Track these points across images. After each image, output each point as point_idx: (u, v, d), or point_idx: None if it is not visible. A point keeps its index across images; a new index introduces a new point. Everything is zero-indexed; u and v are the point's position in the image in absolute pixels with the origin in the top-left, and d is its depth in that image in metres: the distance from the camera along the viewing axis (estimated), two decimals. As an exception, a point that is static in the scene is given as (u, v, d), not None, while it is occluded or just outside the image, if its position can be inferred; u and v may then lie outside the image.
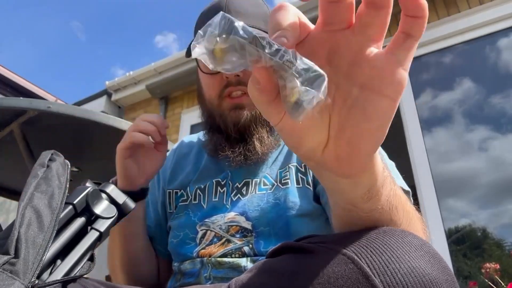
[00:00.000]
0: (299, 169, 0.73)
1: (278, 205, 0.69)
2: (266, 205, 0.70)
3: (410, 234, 0.35)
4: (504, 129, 2.43)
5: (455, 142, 2.60)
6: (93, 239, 0.44)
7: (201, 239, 0.73)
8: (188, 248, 0.73)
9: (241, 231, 0.69)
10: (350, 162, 0.31)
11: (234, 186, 0.76)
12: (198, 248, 0.72)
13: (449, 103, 2.69)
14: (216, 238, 0.71)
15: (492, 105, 2.52)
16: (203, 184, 0.79)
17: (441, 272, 0.33)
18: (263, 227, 0.68)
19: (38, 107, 1.22)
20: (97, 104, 4.44)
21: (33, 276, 0.36)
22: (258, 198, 0.72)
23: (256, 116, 0.73)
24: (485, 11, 2.59)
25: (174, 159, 0.89)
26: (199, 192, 0.78)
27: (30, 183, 0.40)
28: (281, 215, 0.68)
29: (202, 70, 0.76)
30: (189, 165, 0.85)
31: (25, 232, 0.37)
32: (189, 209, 0.78)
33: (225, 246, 0.69)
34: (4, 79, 4.66)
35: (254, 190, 0.73)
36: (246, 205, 0.71)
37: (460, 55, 2.74)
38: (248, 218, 0.70)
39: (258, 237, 0.68)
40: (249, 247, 0.68)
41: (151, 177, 0.73)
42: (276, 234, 0.67)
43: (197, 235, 0.73)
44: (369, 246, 0.33)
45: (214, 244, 0.71)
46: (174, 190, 0.83)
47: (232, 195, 0.74)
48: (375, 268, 0.31)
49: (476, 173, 2.53)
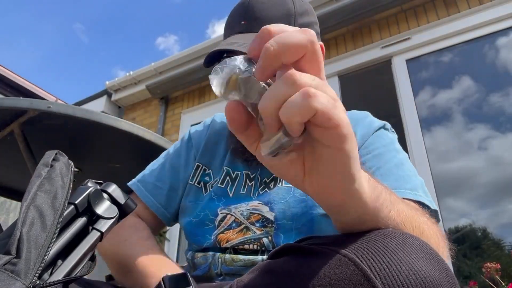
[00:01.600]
0: None
1: (305, 201, 0.67)
2: (292, 199, 0.69)
3: (411, 236, 0.35)
4: (503, 128, 2.44)
5: (455, 142, 2.60)
6: (94, 239, 0.44)
7: (220, 222, 0.71)
8: (207, 230, 0.72)
9: (262, 220, 0.68)
10: (326, 196, 0.35)
11: (262, 181, 0.75)
12: (217, 231, 0.70)
13: (449, 103, 2.69)
14: (235, 224, 0.70)
15: (492, 104, 2.52)
16: (234, 172, 0.77)
17: (442, 273, 0.33)
18: (285, 221, 0.67)
19: (38, 107, 1.22)
20: (97, 104, 4.45)
21: (34, 276, 0.36)
22: (285, 191, 0.70)
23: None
24: (485, 11, 2.60)
25: (208, 132, 0.86)
26: (228, 179, 0.77)
27: (34, 183, 0.40)
28: (306, 211, 0.66)
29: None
30: (221, 146, 0.83)
31: (27, 232, 0.37)
32: (212, 192, 0.76)
33: (244, 234, 0.68)
34: (5, 79, 4.66)
35: (281, 183, 0.72)
36: (272, 195, 0.70)
37: (460, 55, 2.75)
38: (272, 209, 0.68)
39: (278, 230, 0.67)
40: (268, 239, 0.66)
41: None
42: (298, 230, 0.66)
43: (217, 218, 0.72)
44: (370, 248, 0.33)
45: (232, 229, 0.69)
46: (203, 166, 0.82)
47: (260, 188, 0.74)
48: (376, 270, 0.31)
49: (476, 173, 2.54)
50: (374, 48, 2.98)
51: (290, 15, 0.74)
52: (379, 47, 2.93)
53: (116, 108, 4.55)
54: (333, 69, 3.10)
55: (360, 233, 0.37)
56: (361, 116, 0.79)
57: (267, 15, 0.72)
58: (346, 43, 3.17)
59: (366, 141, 0.72)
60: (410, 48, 2.81)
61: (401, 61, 2.82)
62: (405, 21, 2.93)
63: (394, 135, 0.78)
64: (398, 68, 2.81)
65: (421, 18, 2.87)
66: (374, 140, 0.72)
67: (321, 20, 3.43)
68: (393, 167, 0.67)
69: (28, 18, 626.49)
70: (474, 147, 2.55)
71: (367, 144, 0.72)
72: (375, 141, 0.72)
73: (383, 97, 3.44)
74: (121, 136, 1.34)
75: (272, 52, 0.28)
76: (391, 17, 3.02)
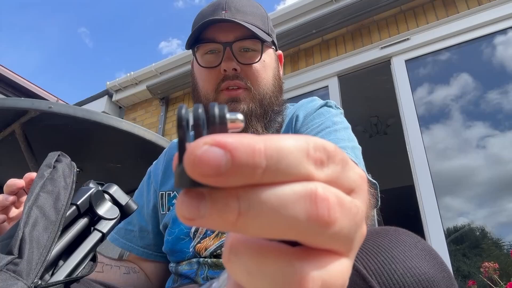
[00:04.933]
0: None
1: None
2: None
3: (404, 233, 0.36)
4: (502, 127, 2.44)
5: (454, 141, 2.60)
6: (95, 240, 0.45)
7: (194, 233, 0.73)
8: (184, 244, 0.73)
9: None
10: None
11: None
12: (193, 243, 0.72)
13: (447, 103, 2.69)
14: (209, 231, 0.71)
15: (490, 103, 2.53)
16: None
17: (438, 269, 0.33)
18: None
19: (39, 107, 1.23)
20: (98, 105, 4.45)
21: (36, 276, 0.36)
22: None
23: (252, 110, 0.73)
24: (484, 12, 2.60)
25: (165, 161, 0.88)
26: None
27: (36, 184, 0.41)
28: None
29: (200, 64, 0.76)
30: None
31: (29, 232, 0.37)
32: None
33: (220, 238, 0.69)
34: (6, 79, 4.66)
35: None
36: None
37: (458, 56, 2.75)
38: None
39: None
40: None
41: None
42: None
43: (191, 229, 0.73)
44: (364, 248, 0.33)
45: (208, 237, 0.71)
46: (167, 192, 0.83)
47: None
48: (371, 270, 0.31)
49: (474, 172, 2.54)
50: (373, 48, 2.98)
51: (264, 16, 0.78)
52: (379, 48, 2.94)
53: (117, 108, 4.55)
54: (333, 69, 3.10)
55: None
56: (306, 101, 0.83)
57: (246, 9, 0.75)
58: (345, 44, 3.17)
59: (307, 119, 0.75)
60: (409, 48, 2.81)
61: (400, 61, 2.83)
62: (404, 22, 2.94)
63: (338, 110, 0.79)
64: (397, 68, 2.81)
65: (420, 19, 2.87)
66: (314, 117, 0.75)
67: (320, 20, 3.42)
68: (325, 134, 0.69)
69: (34, 18, 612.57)
70: (473, 146, 2.56)
71: (307, 121, 0.74)
72: (315, 118, 0.74)
73: (383, 97, 3.44)
74: (122, 136, 1.35)
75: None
76: (391, 18, 3.02)
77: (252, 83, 0.73)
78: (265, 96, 0.75)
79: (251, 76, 0.73)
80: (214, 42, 0.73)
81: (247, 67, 0.73)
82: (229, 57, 0.72)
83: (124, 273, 0.77)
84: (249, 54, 0.74)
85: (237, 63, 0.72)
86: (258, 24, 0.74)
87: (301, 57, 3.36)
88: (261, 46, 0.74)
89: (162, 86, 3.96)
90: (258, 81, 0.74)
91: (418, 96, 2.71)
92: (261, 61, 0.75)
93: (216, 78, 0.74)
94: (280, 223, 0.14)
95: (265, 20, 0.77)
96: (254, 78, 0.73)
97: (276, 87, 0.78)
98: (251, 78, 0.73)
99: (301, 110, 0.79)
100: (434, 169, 2.37)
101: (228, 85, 0.73)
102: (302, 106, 0.81)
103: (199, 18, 0.78)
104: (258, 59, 0.73)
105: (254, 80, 0.74)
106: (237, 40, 0.72)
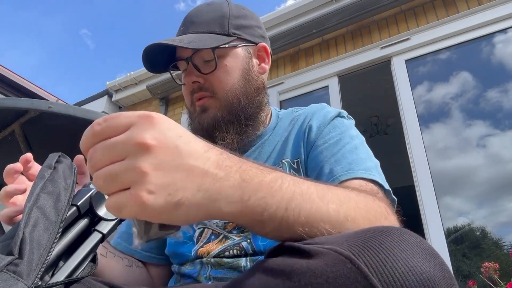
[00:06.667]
0: (292, 165, 0.74)
1: None
2: None
3: (406, 232, 0.36)
4: (502, 126, 2.44)
5: (454, 141, 2.60)
6: (95, 241, 0.45)
7: (198, 238, 0.73)
8: (187, 247, 0.74)
9: (238, 227, 0.70)
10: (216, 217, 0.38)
11: None
12: (196, 247, 0.73)
13: (447, 103, 2.69)
14: (213, 236, 0.72)
15: (490, 103, 2.53)
16: None
17: (439, 269, 0.33)
18: None
19: (39, 107, 1.23)
20: (98, 104, 4.45)
21: (36, 277, 0.36)
22: None
23: (219, 116, 0.75)
24: (484, 11, 2.60)
25: None
26: None
27: (37, 184, 0.41)
28: None
29: (176, 82, 0.84)
30: None
31: (30, 232, 0.37)
32: None
33: (223, 243, 0.70)
34: (6, 79, 4.66)
35: None
36: None
37: (458, 55, 2.75)
38: None
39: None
40: (247, 242, 0.68)
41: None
42: None
43: (195, 234, 0.74)
44: (365, 246, 0.33)
45: (212, 241, 0.71)
46: None
47: None
48: (372, 268, 0.31)
49: (474, 171, 2.54)
50: (373, 48, 2.98)
51: (224, 17, 0.79)
52: (379, 48, 2.94)
53: (116, 108, 4.55)
54: (333, 69, 3.11)
55: (354, 231, 0.37)
56: (317, 108, 0.82)
57: (201, 19, 0.79)
58: (345, 44, 3.17)
59: (322, 131, 0.75)
60: (410, 48, 2.81)
61: (401, 61, 2.83)
62: (404, 22, 2.94)
63: (351, 121, 0.80)
64: (397, 68, 2.81)
65: (421, 19, 2.87)
66: (330, 129, 0.75)
67: (321, 20, 3.42)
68: (347, 152, 0.69)
69: (34, 18, 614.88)
70: (473, 145, 2.56)
71: (323, 134, 0.74)
72: (331, 130, 0.74)
73: (383, 97, 3.45)
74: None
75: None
76: (391, 18, 3.02)
77: (216, 90, 0.76)
78: (233, 100, 0.76)
79: (214, 84, 0.76)
80: (181, 59, 0.79)
81: (210, 76, 0.76)
82: (189, 71, 0.77)
83: (126, 265, 0.77)
84: (211, 64, 0.76)
85: (199, 75, 0.77)
86: (213, 29, 0.76)
87: (301, 57, 3.36)
88: (213, 53, 0.75)
89: (162, 86, 3.97)
90: (222, 87, 0.76)
91: (418, 96, 2.71)
92: (222, 66, 0.76)
93: (189, 92, 0.80)
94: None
95: (225, 21, 0.78)
96: (217, 85, 0.76)
97: (249, 88, 0.78)
98: (214, 86, 0.76)
99: (314, 119, 0.77)
100: (434, 169, 2.37)
101: (196, 97, 0.78)
102: (314, 114, 0.79)
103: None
104: (214, 67, 0.76)
105: (217, 87, 0.76)
106: (193, 54, 0.76)
